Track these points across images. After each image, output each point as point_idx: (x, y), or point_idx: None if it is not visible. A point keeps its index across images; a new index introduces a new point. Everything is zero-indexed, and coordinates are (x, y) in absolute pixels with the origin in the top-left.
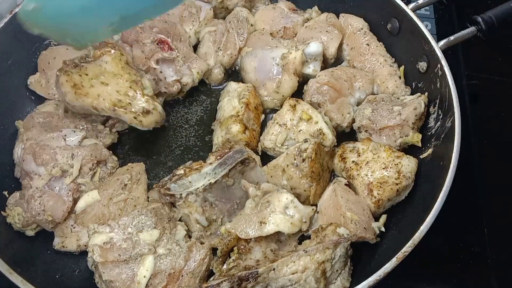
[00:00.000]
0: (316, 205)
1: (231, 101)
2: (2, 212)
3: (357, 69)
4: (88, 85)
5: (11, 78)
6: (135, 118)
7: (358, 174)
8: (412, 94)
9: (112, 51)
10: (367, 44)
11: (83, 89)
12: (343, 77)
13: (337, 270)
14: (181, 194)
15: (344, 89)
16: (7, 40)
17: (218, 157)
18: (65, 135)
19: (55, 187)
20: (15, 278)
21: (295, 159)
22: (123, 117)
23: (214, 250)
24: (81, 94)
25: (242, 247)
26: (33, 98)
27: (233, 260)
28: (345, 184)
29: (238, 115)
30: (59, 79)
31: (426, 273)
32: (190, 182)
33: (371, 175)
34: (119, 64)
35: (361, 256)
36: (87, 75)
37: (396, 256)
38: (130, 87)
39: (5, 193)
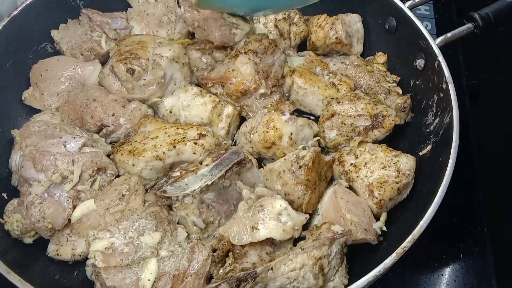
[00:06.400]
0: (309, 214)
1: None
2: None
3: None
4: (141, 146)
5: (8, 83)
6: (195, 143)
7: (357, 176)
8: (407, 91)
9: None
10: None
11: (139, 149)
12: None
13: (334, 267)
14: (177, 197)
15: None
16: (6, 43)
17: (214, 159)
18: (65, 141)
19: (55, 194)
20: (13, 278)
21: (292, 165)
22: (186, 149)
23: (214, 251)
24: (139, 153)
25: (238, 251)
26: (28, 106)
27: (229, 264)
28: (346, 187)
29: None
30: (115, 158)
31: (426, 272)
32: (186, 184)
33: (371, 176)
34: (158, 122)
35: (361, 252)
36: (135, 141)
37: (396, 251)
38: (177, 128)
39: (4, 195)
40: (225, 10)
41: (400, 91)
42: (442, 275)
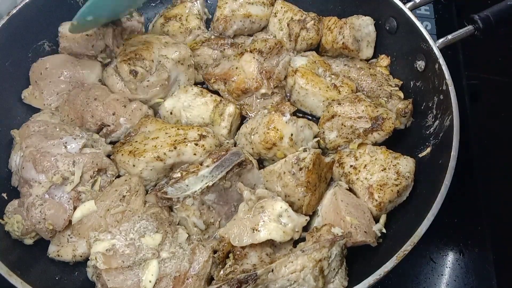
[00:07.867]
0: (309, 215)
1: None
2: (0, 220)
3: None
4: (142, 146)
5: (7, 82)
6: (196, 144)
7: (357, 178)
8: (407, 93)
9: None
10: None
11: (139, 150)
12: None
13: (334, 269)
14: (178, 198)
15: None
16: (5, 41)
17: (215, 160)
18: (66, 142)
19: (55, 195)
20: (14, 280)
21: (292, 167)
22: (186, 150)
23: (214, 252)
24: (140, 153)
25: (238, 252)
26: (27, 105)
27: (229, 265)
28: (346, 189)
29: None
30: (115, 158)
31: (426, 272)
32: (187, 185)
33: (371, 178)
34: (158, 122)
35: (361, 254)
36: (136, 141)
37: (396, 255)
38: (178, 129)
39: (4, 195)
40: (97, 25)
41: (402, 95)
42: (442, 275)
